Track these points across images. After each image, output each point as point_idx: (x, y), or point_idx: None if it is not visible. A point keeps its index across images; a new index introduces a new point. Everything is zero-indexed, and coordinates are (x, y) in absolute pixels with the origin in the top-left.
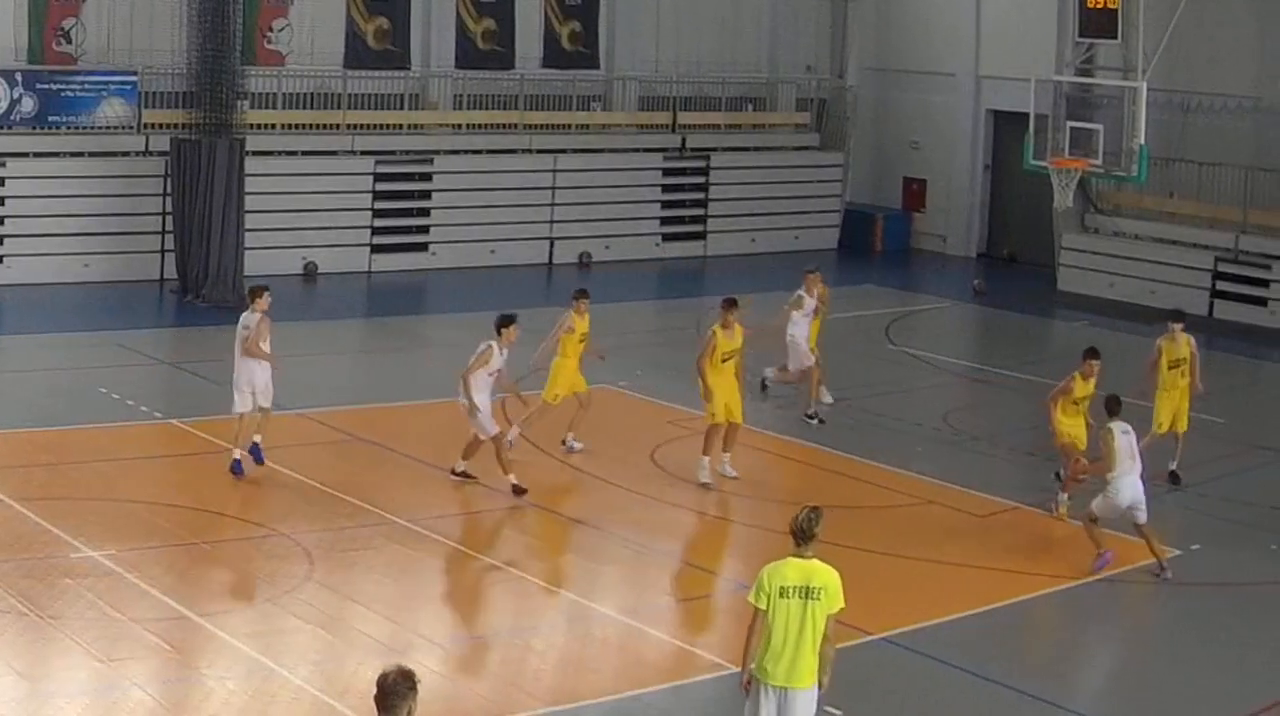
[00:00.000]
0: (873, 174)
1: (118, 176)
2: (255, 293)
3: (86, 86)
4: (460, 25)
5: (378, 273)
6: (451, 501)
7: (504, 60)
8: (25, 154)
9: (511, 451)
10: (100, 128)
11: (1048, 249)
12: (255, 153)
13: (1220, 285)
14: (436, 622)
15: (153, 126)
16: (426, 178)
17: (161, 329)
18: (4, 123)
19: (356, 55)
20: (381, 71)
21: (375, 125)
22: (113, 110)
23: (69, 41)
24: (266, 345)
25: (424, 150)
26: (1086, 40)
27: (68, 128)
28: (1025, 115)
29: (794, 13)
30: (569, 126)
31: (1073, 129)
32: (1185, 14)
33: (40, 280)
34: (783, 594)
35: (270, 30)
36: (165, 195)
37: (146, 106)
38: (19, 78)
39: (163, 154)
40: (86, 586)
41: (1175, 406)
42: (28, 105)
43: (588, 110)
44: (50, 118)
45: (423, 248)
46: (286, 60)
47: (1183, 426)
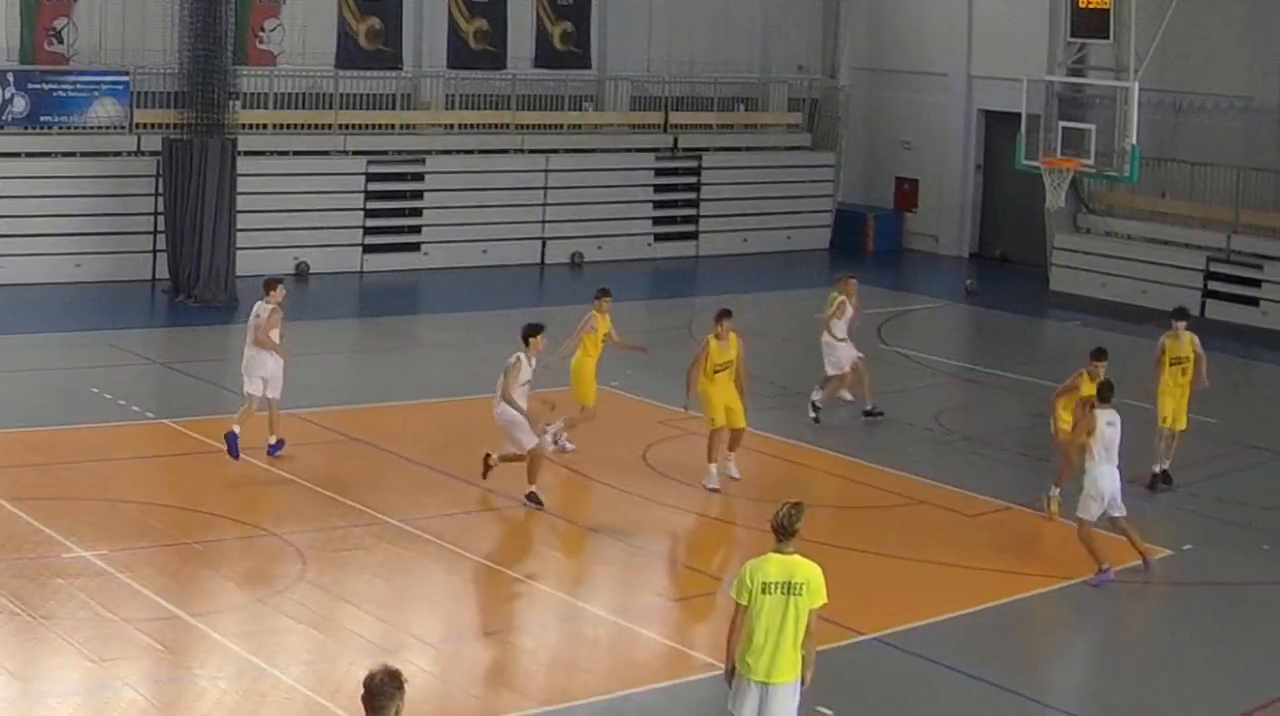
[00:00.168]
0: (865, 174)
1: (109, 176)
2: (271, 284)
3: (78, 86)
4: (452, 25)
5: (370, 273)
6: (443, 501)
7: (496, 60)
8: (17, 154)
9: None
10: (92, 128)
11: (1040, 249)
12: (247, 153)
13: (1212, 285)
14: (428, 622)
15: (144, 126)
16: (419, 178)
17: (153, 329)
18: None
19: (348, 55)
20: (373, 71)
21: (367, 125)
22: (104, 110)
23: (61, 41)
24: (276, 336)
25: (416, 150)
26: (1078, 40)
27: (59, 128)
28: (1017, 115)
29: (786, 13)
30: (561, 126)
31: (1065, 129)
32: (1177, 14)
33: (32, 280)
34: (765, 589)
35: (262, 30)
36: (157, 195)
37: (138, 106)
38: (10, 78)
39: (154, 154)
40: (78, 586)
41: (1177, 403)
42: (19, 105)
43: (580, 110)
44: (42, 118)
45: (415, 247)
46: (278, 60)
47: (1181, 425)
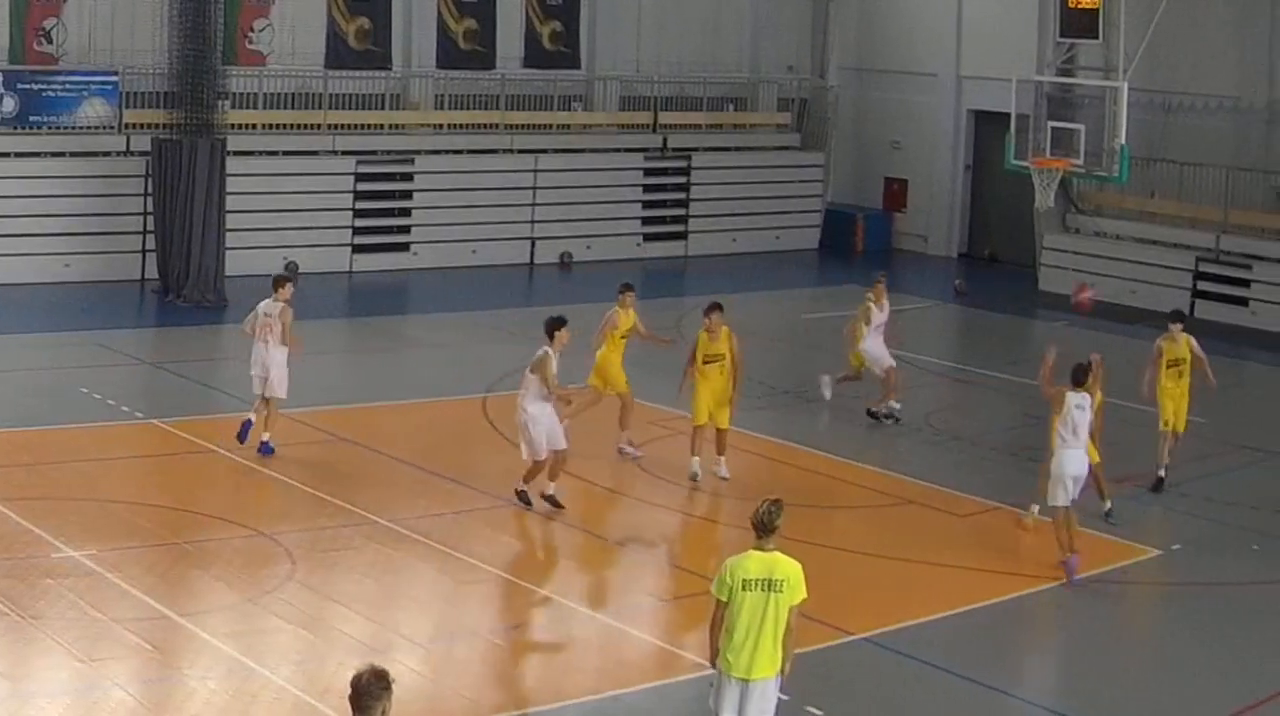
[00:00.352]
0: (854, 174)
1: (99, 176)
2: (279, 282)
3: (67, 86)
4: (441, 25)
5: (359, 273)
6: (433, 502)
7: (485, 60)
8: (6, 154)
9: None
10: (81, 128)
11: (1029, 249)
12: (236, 153)
13: (1201, 285)
14: (417, 622)
15: (134, 126)
16: (408, 178)
17: (143, 329)
18: None
19: (338, 55)
20: (363, 71)
21: (356, 125)
22: (94, 110)
23: (50, 41)
24: (291, 334)
25: (405, 150)
26: (1067, 40)
27: (49, 128)
28: (1006, 115)
29: (775, 13)
30: (550, 126)
31: (1054, 129)
32: (1166, 14)
33: (21, 280)
34: (745, 586)
35: (251, 30)
36: (146, 195)
37: (127, 106)
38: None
39: (144, 154)
40: (67, 586)
41: (1177, 405)
42: (8, 105)
43: (569, 110)
44: (31, 118)
45: (404, 247)
46: (268, 60)
47: (1180, 426)
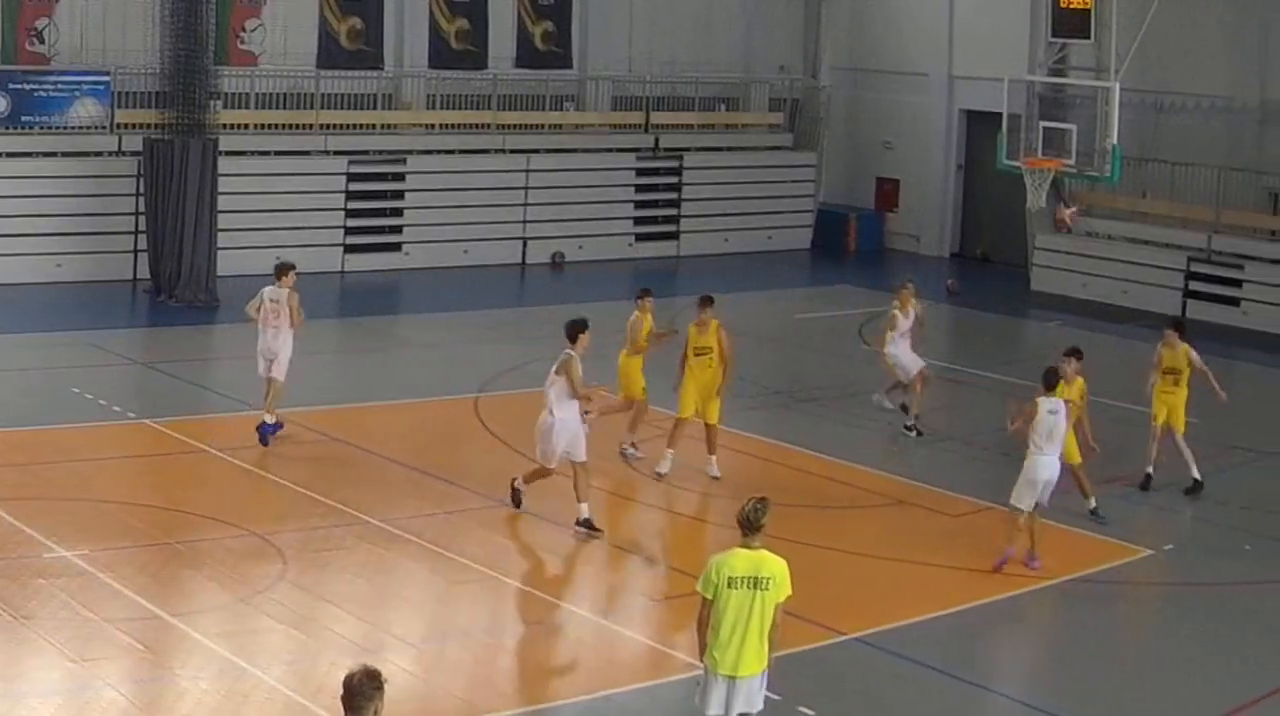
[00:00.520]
0: (846, 174)
1: (90, 176)
2: (283, 269)
3: (59, 86)
4: (433, 25)
5: (351, 273)
6: (425, 502)
7: (477, 60)
8: None
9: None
10: (73, 128)
11: (1021, 249)
12: (228, 153)
13: (1193, 285)
14: (409, 622)
15: (126, 126)
16: (399, 178)
17: (134, 329)
18: None
19: (329, 55)
20: (354, 71)
21: (348, 125)
22: (86, 110)
23: (42, 41)
24: (291, 319)
25: (397, 150)
26: (1059, 40)
27: (40, 128)
28: (998, 115)
29: (767, 12)
30: (542, 126)
31: (1046, 129)
32: (1158, 14)
33: (12, 280)
34: (731, 584)
35: (243, 30)
36: (138, 195)
37: (119, 106)
38: None
39: (136, 154)
40: (59, 586)
41: (1169, 405)
42: (0, 105)
43: (561, 110)
44: (23, 118)
45: (396, 248)
46: (259, 60)
47: (1178, 427)
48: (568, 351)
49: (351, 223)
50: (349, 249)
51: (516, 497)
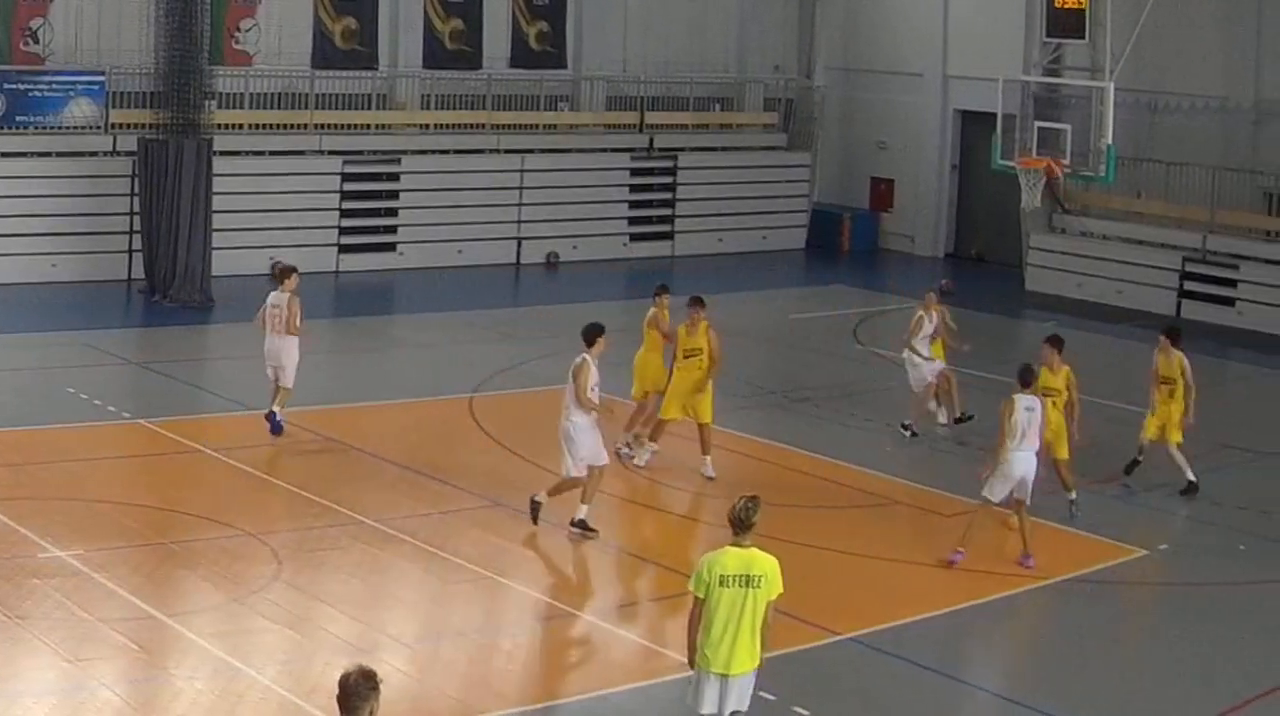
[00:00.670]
0: (840, 174)
1: (85, 176)
2: (284, 273)
3: (54, 86)
4: (428, 25)
5: (345, 273)
6: (419, 502)
7: (472, 60)
8: None
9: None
10: (68, 128)
11: (1015, 249)
12: (223, 153)
13: (1188, 285)
14: (404, 622)
15: (120, 126)
16: (394, 177)
17: (129, 329)
18: None
19: (324, 55)
20: (349, 71)
21: (343, 125)
22: (80, 110)
23: (36, 41)
24: (298, 322)
25: (391, 150)
26: (1054, 40)
27: (35, 128)
28: (993, 115)
29: (762, 13)
30: (536, 126)
31: (1040, 129)
32: (1153, 14)
33: (7, 280)
34: (722, 582)
35: (238, 30)
36: (133, 195)
37: (114, 106)
38: None
39: (130, 154)
40: (54, 586)
41: (1162, 420)
42: None
43: (555, 110)
44: (17, 118)
45: (390, 247)
46: (254, 60)
47: (1174, 437)
48: (583, 356)
49: (346, 223)
50: (344, 249)
51: (537, 511)
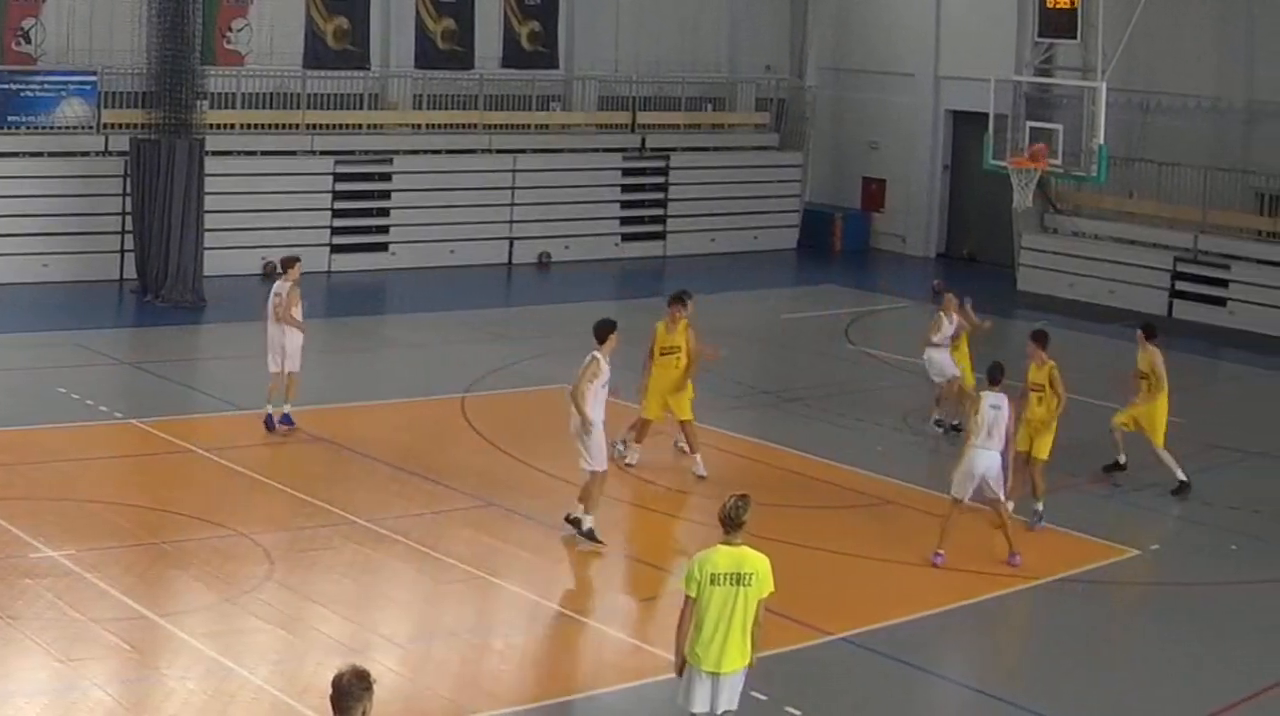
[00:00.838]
0: (832, 174)
1: (77, 176)
2: (288, 262)
3: (46, 86)
4: (420, 25)
5: (337, 272)
6: (411, 502)
7: (463, 60)
8: None
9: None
10: (60, 128)
11: (1007, 249)
12: (215, 153)
13: (1179, 285)
14: (396, 622)
15: (112, 126)
16: (386, 177)
17: (121, 329)
18: None
19: (316, 55)
20: (341, 71)
21: (335, 125)
22: (72, 110)
23: (28, 41)
24: (297, 312)
25: (383, 150)
26: (1046, 40)
27: (27, 128)
28: (984, 115)
29: (753, 13)
30: (528, 126)
31: (1032, 129)
32: (1145, 14)
33: None
34: (714, 581)
35: (229, 30)
36: (125, 195)
37: (106, 106)
38: None
39: (122, 154)
40: (46, 586)
41: (1136, 415)
42: None
43: (547, 110)
44: (9, 118)
45: (382, 247)
46: (246, 60)
47: (1153, 438)
48: (594, 353)
49: (338, 223)
50: (335, 249)
51: (582, 528)
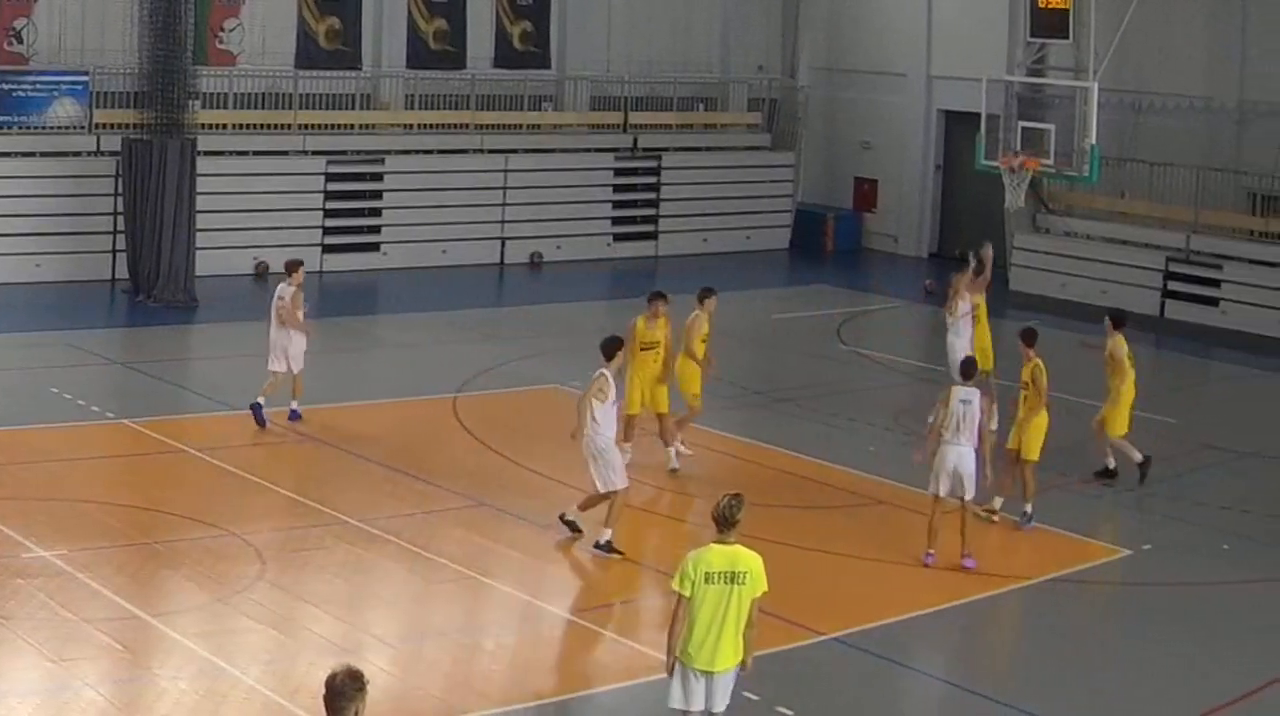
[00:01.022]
0: (824, 174)
1: (69, 176)
2: (292, 266)
3: (38, 86)
4: (412, 25)
5: (329, 272)
6: (403, 502)
7: (455, 60)
8: None
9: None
10: (51, 128)
11: (999, 249)
12: (207, 153)
13: (1171, 285)
14: (388, 622)
15: (104, 126)
16: (378, 177)
17: (113, 329)
18: None
19: (308, 55)
20: (333, 71)
21: (327, 125)
22: (64, 110)
23: (20, 41)
24: (300, 314)
25: (375, 150)
26: (1038, 40)
27: (19, 128)
28: (976, 115)
29: (745, 13)
30: (520, 126)
31: (1024, 129)
32: (1136, 14)
33: None
34: (708, 579)
35: (222, 30)
36: (117, 195)
37: (98, 106)
38: None
39: (114, 154)
40: (38, 586)
41: (1106, 409)
42: None
43: (539, 110)
44: (1, 118)
45: (374, 247)
46: (238, 60)
47: (1117, 431)
48: (601, 370)
49: (330, 223)
50: (327, 249)
51: (611, 548)
